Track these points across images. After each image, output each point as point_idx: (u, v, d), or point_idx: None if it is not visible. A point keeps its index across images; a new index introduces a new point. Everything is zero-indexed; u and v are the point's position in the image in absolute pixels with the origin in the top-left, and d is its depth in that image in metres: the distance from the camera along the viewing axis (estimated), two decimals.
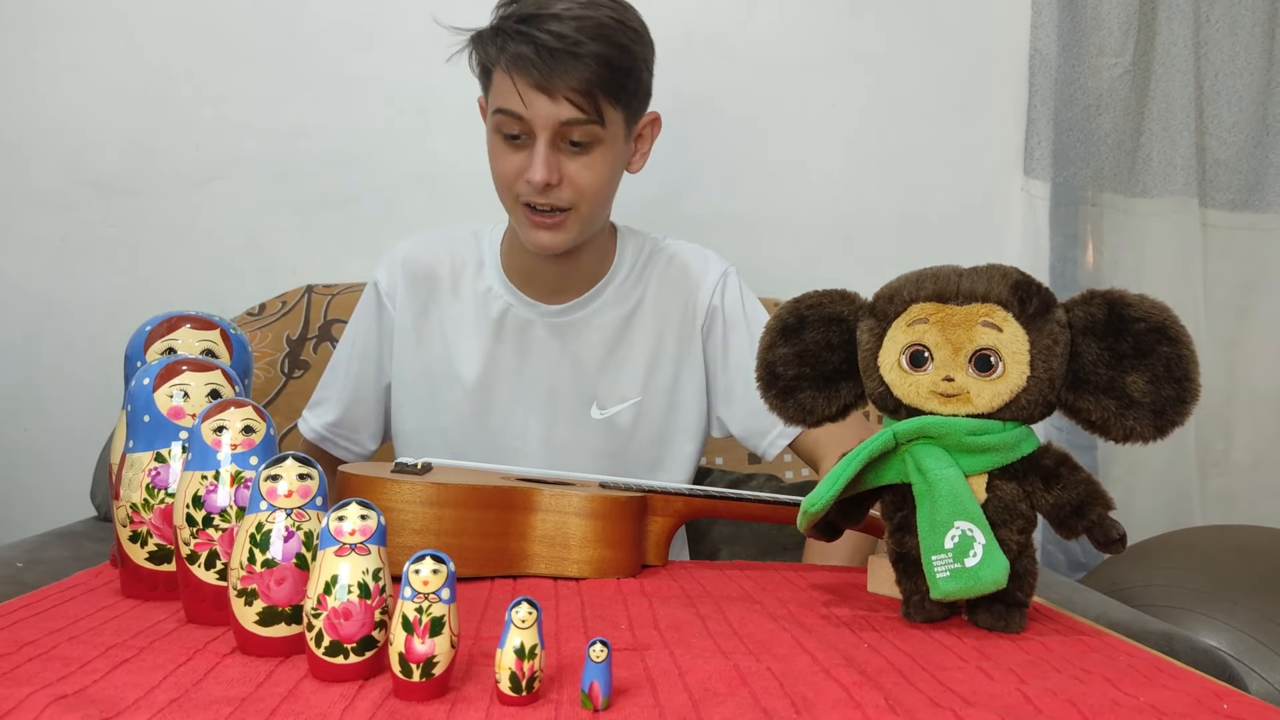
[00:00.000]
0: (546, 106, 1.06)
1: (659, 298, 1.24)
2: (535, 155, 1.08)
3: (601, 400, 1.23)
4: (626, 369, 1.23)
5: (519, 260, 1.22)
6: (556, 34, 1.04)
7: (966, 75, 1.82)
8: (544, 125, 1.07)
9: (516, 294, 1.22)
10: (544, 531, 0.89)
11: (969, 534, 0.72)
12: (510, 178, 1.11)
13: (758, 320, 1.22)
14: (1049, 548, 1.79)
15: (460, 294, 1.23)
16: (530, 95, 1.06)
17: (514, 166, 1.10)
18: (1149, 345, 0.73)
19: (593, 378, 1.22)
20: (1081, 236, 1.84)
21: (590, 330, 1.22)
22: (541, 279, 1.21)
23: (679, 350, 1.23)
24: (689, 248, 1.27)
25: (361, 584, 0.59)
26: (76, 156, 1.70)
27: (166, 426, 0.75)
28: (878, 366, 0.79)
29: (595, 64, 1.05)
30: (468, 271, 1.24)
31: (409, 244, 1.27)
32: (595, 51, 1.05)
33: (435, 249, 1.26)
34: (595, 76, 1.05)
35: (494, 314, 1.22)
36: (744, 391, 1.22)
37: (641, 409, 1.23)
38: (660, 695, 0.58)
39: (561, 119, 1.07)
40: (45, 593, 0.78)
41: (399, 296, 1.24)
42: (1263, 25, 1.87)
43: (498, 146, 1.12)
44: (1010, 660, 0.67)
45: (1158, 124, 1.84)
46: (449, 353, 1.23)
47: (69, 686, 0.56)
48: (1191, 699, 0.59)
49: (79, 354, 1.70)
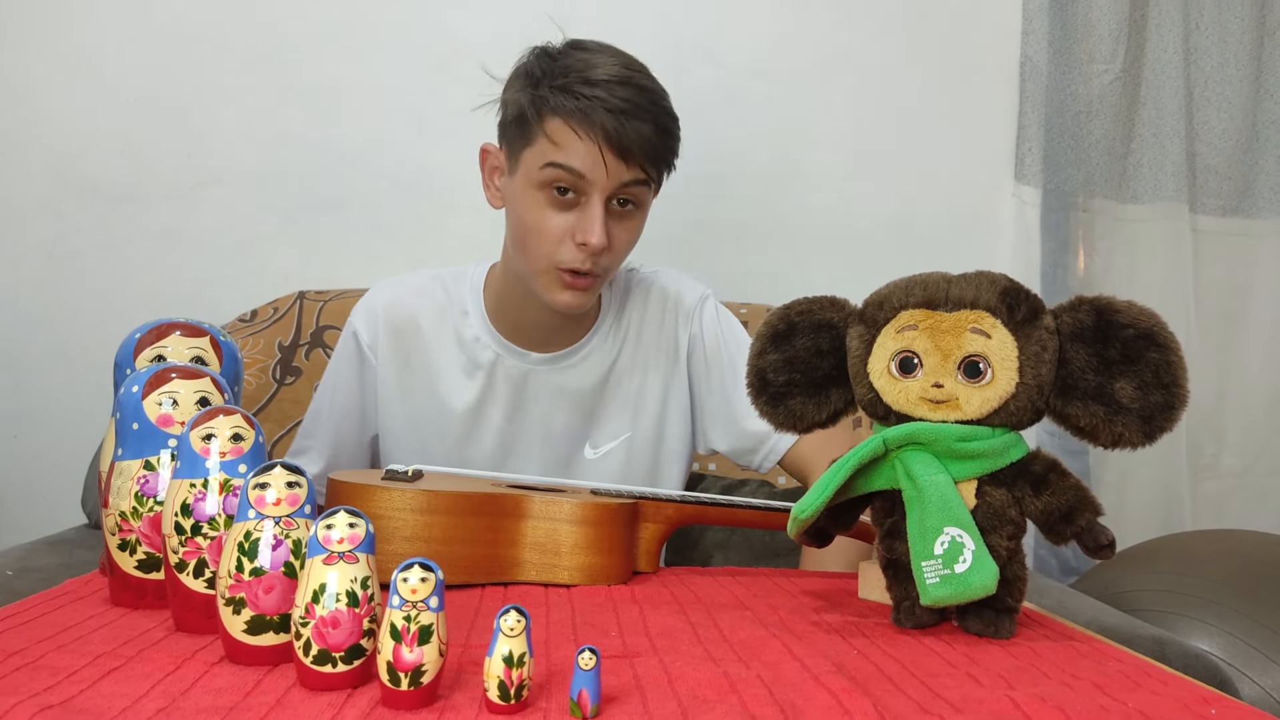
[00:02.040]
0: (616, 167, 1.05)
1: (642, 331, 1.23)
2: (591, 217, 1.05)
3: (594, 440, 1.23)
4: (616, 406, 1.22)
5: (509, 311, 1.19)
6: (625, 98, 1.04)
7: (958, 82, 1.83)
8: (604, 186, 1.05)
9: (506, 344, 1.20)
10: (535, 539, 0.89)
11: (959, 540, 0.72)
12: (556, 238, 1.07)
13: (737, 341, 1.23)
14: (1041, 553, 1.80)
15: (444, 343, 1.21)
16: (602, 153, 1.04)
17: (561, 227, 1.07)
18: (1137, 351, 0.73)
19: (585, 420, 1.22)
20: (1072, 242, 1.85)
21: (582, 374, 1.21)
22: (534, 331, 1.19)
23: (665, 381, 1.23)
24: (664, 275, 1.27)
25: (350, 592, 0.58)
26: (67, 163, 1.69)
27: (155, 434, 0.75)
28: (867, 373, 0.79)
29: (656, 129, 1.06)
30: (451, 320, 1.21)
31: (386, 292, 1.23)
32: (655, 118, 1.06)
33: (415, 297, 1.22)
34: (659, 141, 1.07)
35: (484, 363, 1.20)
36: (728, 413, 1.22)
37: (632, 443, 1.23)
38: (649, 703, 0.58)
39: (625, 180, 1.06)
40: (33, 601, 0.77)
41: (381, 348, 1.21)
42: (1251, 33, 1.88)
43: (541, 204, 1.07)
44: (1000, 666, 0.67)
45: (1148, 130, 1.85)
46: (437, 403, 1.20)
47: (55, 696, 0.56)
48: (1179, 704, 0.59)
49: (70, 360, 1.69)
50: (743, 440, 1.22)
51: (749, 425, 1.19)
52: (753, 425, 1.18)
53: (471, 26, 1.14)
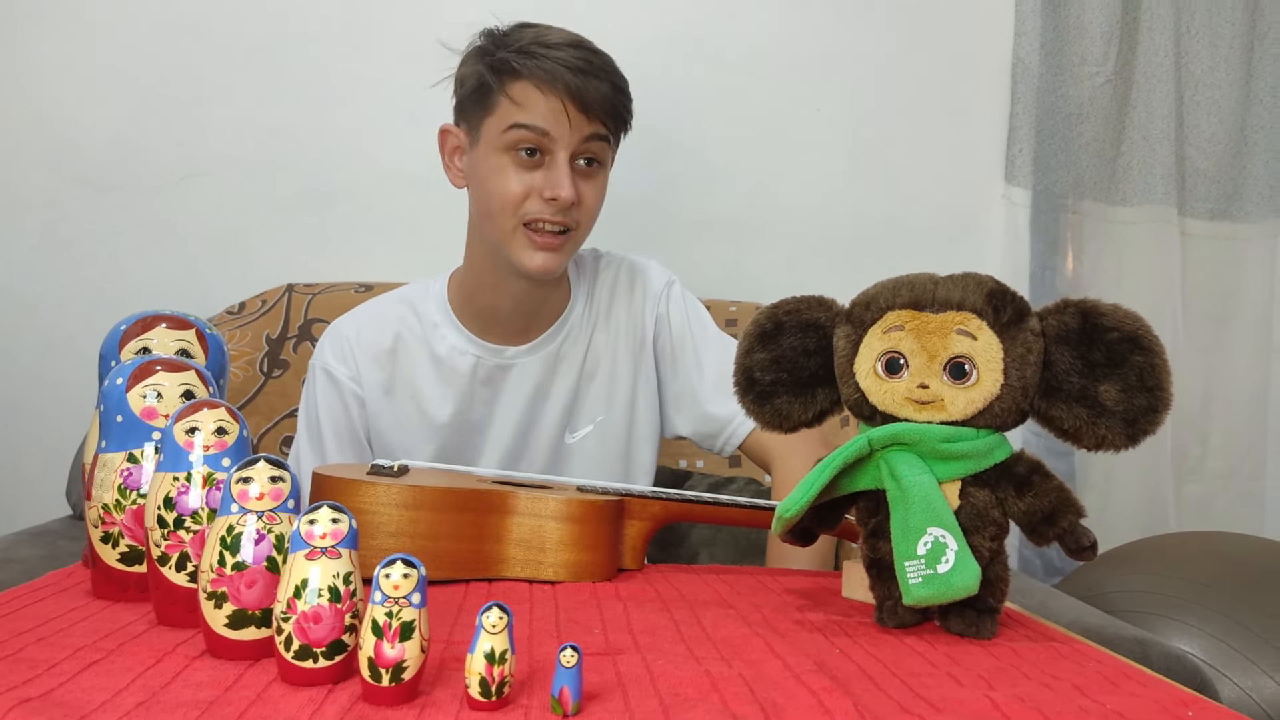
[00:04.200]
0: (579, 120, 1.09)
1: (611, 315, 1.25)
2: (558, 172, 1.09)
3: (573, 425, 1.24)
4: (592, 390, 1.24)
5: (477, 310, 1.20)
6: (583, 57, 1.09)
7: (949, 83, 1.83)
8: (568, 142, 1.09)
9: (482, 344, 1.20)
10: (520, 535, 0.89)
11: (941, 540, 0.72)
12: (520, 197, 1.10)
13: (701, 324, 1.26)
14: (1025, 553, 1.80)
15: (421, 363, 1.20)
16: (564, 110, 1.08)
17: (529, 185, 1.09)
18: (1121, 354, 0.73)
19: (566, 406, 1.23)
20: (1062, 244, 1.86)
21: (560, 362, 1.22)
22: (506, 323, 1.20)
23: (634, 364, 1.25)
24: (629, 260, 1.28)
25: (332, 588, 0.58)
26: (56, 153, 1.68)
27: (139, 427, 0.75)
28: (853, 373, 0.79)
29: (614, 88, 1.11)
30: (423, 338, 1.21)
31: (349, 325, 1.22)
32: (612, 78, 1.12)
33: (382, 324, 1.21)
34: (616, 98, 1.12)
35: (463, 371, 1.20)
36: (693, 396, 1.24)
37: (606, 426, 1.24)
38: (631, 700, 0.58)
39: (586, 134, 1.09)
40: (15, 593, 0.77)
41: (364, 378, 1.20)
42: (1242, 37, 1.89)
43: (506, 165, 1.10)
44: (980, 666, 0.67)
45: (1138, 133, 1.86)
46: (423, 419, 1.20)
47: (34, 689, 0.56)
48: (1158, 706, 0.60)
49: (58, 350, 1.68)
50: (705, 424, 1.23)
51: (711, 409, 1.22)
52: (714, 409, 1.21)
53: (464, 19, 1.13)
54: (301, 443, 1.22)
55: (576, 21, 1.17)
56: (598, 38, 1.15)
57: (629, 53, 1.18)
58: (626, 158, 1.22)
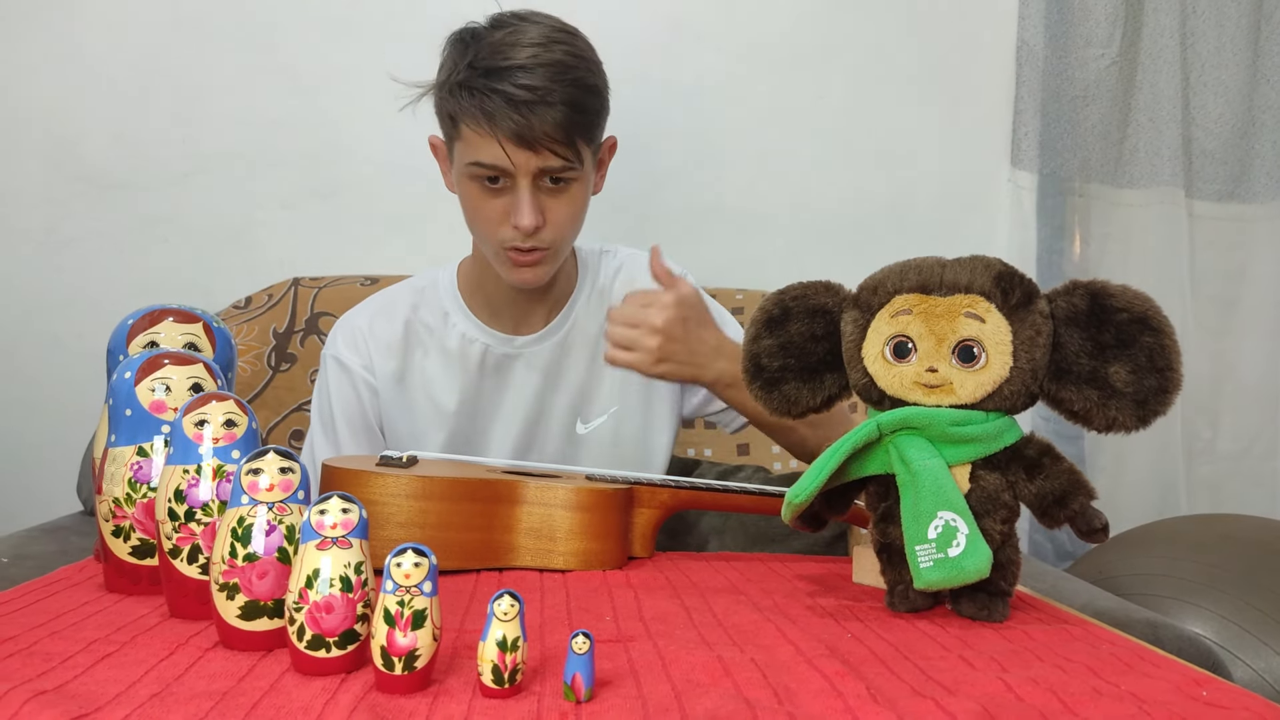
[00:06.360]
0: (527, 157, 1.04)
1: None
2: (520, 201, 1.06)
3: (585, 415, 1.24)
4: (605, 380, 1.23)
5: (487, 298, 1.20)
6: (527, 86, 1.02)
7: (954, 66, 1.82)
8: (526, 170, 1.06)
9: (491, 333, 1.21)
10: (530, 524, 0.89)
11: (952, 524, 0.72)
12: (494, 224, 1.09)
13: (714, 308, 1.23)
14: (1036, 537, 1.80)
15: (431, 351, 1.21)
16: (509, 147, 1.04)
17: (496, 212, 1.09)
18: (1131, 336, 0.73)
19: (575, 396, 1.23)
20: (1068, 227, 1.85)
21: (569, 350, 1.23)
22: (514, 312, 1.21)
23: None
24: (636, 253, 1.28)
25: (343, 578, 0.58)
26: (60, 150, 1.68)
27: (148, 421, 0.75)
28: (862, 358, 0.79)
29: (568, 110, 1.04)
30: (433, 325, 1.21)
31: (360, 317, 1.22)
32: (566, 98, 1.04)
33: (390, 313, 1.22)
34: (570, 122, 1.04)
35: (474, 357, 1.20)
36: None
37: (621, 415, 1.24)
38: (643, 686, 0.58)
39: (539, 168, 1.06)
40: (28, 588, 0.77)
41: (376, 367, 1.20)
42: (1249, 17, 1.88)
43: (475, 193, 1.09)
44: (993, 649, 0.67)
45: (1144, 115, 1.85)
46: (433, 407, 1.21)
47: (49, 682, 0.56)
48: (1172, 687, 0.60)
49: (65, 347, 1.69)
50: (713, 399, 1.23)
51: None
52: None
53: (469, 11, 1.13)
54: (315, 434, 1.23)
55: (584, 14, 1.16)
56: (599, 27, 1.14)
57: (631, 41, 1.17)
58: (629, 148, 1.22)
